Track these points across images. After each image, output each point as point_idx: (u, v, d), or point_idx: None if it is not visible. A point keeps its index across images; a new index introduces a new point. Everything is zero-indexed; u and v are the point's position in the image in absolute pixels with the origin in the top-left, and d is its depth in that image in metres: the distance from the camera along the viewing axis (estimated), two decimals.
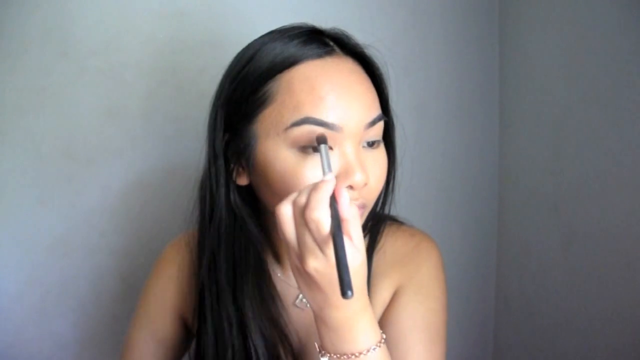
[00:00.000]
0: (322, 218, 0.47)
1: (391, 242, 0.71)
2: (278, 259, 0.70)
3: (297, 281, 0.52)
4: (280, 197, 0.57)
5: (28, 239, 1.00)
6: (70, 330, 1.03)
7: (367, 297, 0.54)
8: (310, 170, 0.55)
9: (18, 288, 1.00)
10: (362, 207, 0.59)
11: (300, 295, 0.69)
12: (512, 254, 1.19)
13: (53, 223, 1.00)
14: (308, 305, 0.53)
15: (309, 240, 0.48)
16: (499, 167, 1.22)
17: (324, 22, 0.67)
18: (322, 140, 0.54)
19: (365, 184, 0.57)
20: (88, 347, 1.04)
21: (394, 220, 0.75)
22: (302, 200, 0.49)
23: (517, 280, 1.17)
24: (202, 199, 0.66)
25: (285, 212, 0.50)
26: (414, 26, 1.14)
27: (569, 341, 1.01)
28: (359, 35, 0.65)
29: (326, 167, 0.52)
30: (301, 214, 0.48)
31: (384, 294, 0.68)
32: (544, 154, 1.07)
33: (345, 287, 0.43)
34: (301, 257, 0.49)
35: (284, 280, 0.70)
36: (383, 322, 0.67)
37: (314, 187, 0.49)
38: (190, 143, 1.02)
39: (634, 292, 0.87)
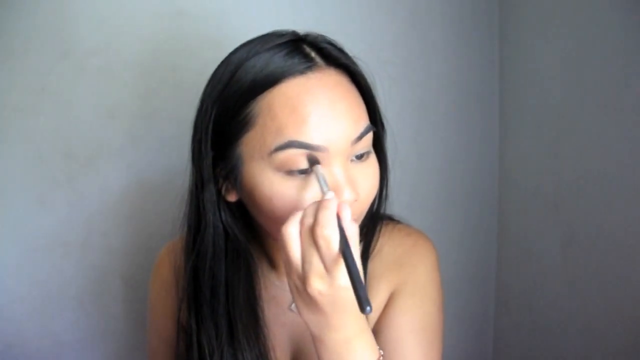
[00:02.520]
0: (332, 235, 0.47)
1: (387, 243, 0.70)
2: (273, 265, 0.70)
3: (295, 302, 0.52)
4: (269, 217, 0.57)
5: (28, 239, 1.00)
6: (70, 330, 1.03)
7: (364, 318, 0.53)
8: (298, 192, 0.54)
9: (18, 288, 1.00)
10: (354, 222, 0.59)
11: None
12: (512, 254, 1.19)
13: (53, 223, 1.00)
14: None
15: (315, 261, 0.48)
16: (499, 167, 1.22)
17: (324, 22, 0.67)
18: (314, 161, 0.53)
19: (355, 200, 0.56)
20: (88, 347, 1.04)
21: (390, 219, 0.74)
22: (310, 219, 0.48)
23: (517, 280, 1.17)
24: (190, 215, 0.65)
25: (292, 232, 0.49)
26: (414, 26, 1.14)
27: (569, 341, 1.01)
28: (359, 35, 0.65)
29: (324, 186, 0.52)
30: (309, 234, 0.48)
31: (380, 297, 0.68)
32: (544, 154, 1.07)
33: (364, 302, 0.43)
34: (305, 279, 0.48)
35: (279, 287, 0.69)
36: (380, 326, 0.67)
37: (320, 205, 0.48)
38: (190, 143, 1.02)
39: (633, 292, 0.87)
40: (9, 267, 0.99)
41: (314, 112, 0.53)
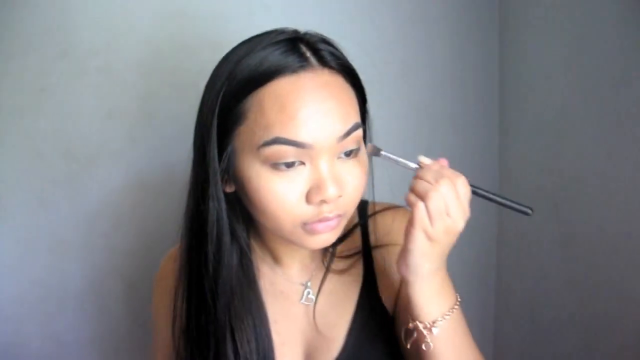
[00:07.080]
0: (452, 177, 0.58)
1: (378, 229, 0.72)
2: (276, 260, 0.71)
3: (418, 249, 0.57)
4: (258, 210, 0.59)
5: (28, 239, 1.00)
6: (70, 330, 1.03)
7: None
8: (281, 186, 0.56)
9: (18, 288, 1.00)
10: (338, 217, 0.59)
11: (306, 292, 0.70)
12: (512, 254, 1.19)
13: (53, 223, 1.00)
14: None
15: (440, 203, 0.57)
16: (499, 167, 1.22)
17: (323, 22, 0.67)
18: (375, 152, 0.62)
19: (340, 196, 0.57)
20: (88, 347, 1.04)
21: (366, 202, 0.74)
22: (429, 174, 0.58)
23: (517, 280, 1.17)
24: (192, 209, 0.65)
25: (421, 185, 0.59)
26: (414, 26, 1.14)
27: (569, 341, 1.01)
28: (359, 36, 0.64)
29: (405, 162, 0.63)
30: (436, 180, 0.57)
31: (394, 280, 0.69)
32: (544, 154, 1.07)
33: (523, 208, 0.61)
34: (432, 220, 0.57)
35: (287, 280, 0.70)
36: (402, 310, 0.67)
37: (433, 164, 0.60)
38: (190, 143, 1.02)
39: (633, 292, 0.87)
40: (9, 267, 0.99)
41: (302, 110, 0.55)
